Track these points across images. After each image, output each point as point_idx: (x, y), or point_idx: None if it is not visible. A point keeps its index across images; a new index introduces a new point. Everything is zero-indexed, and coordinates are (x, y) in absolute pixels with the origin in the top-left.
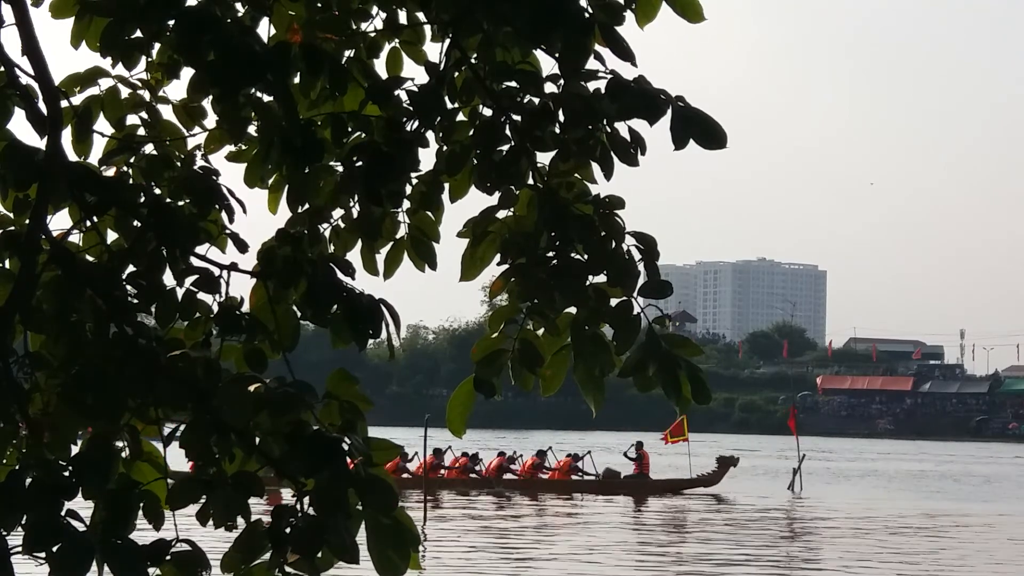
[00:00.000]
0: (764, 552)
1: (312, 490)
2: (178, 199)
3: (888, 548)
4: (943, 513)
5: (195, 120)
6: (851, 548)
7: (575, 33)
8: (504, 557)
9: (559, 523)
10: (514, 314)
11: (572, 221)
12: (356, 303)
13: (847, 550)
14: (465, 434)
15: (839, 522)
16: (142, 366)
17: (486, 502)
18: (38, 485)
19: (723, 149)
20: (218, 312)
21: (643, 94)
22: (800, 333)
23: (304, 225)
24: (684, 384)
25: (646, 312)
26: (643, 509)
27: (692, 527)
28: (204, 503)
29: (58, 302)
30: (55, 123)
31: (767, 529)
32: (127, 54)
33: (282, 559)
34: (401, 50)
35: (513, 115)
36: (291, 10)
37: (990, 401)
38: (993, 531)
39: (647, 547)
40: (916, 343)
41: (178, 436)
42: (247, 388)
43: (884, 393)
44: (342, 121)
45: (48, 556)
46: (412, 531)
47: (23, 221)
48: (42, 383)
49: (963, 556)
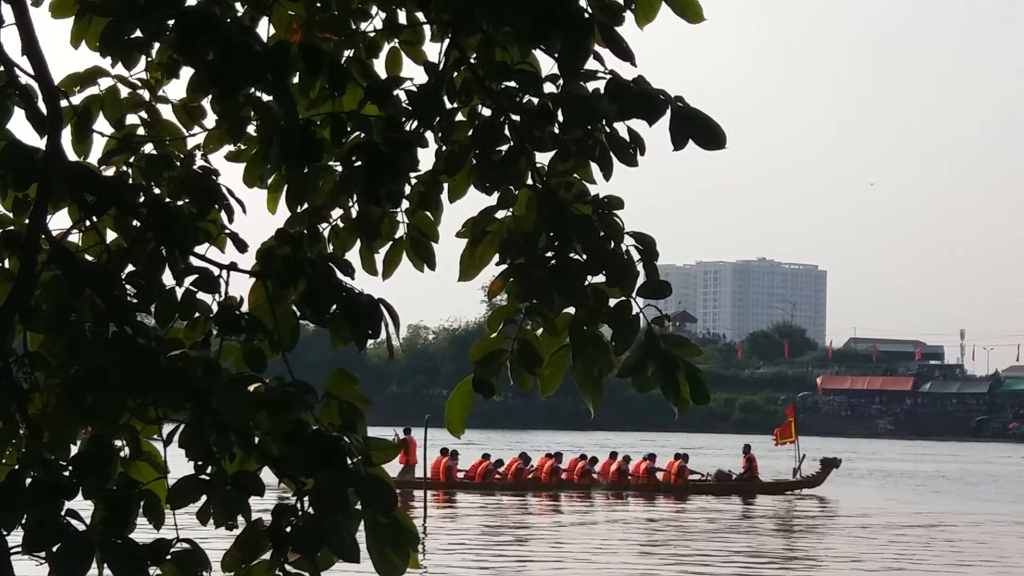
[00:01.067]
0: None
1: (312, 489)
2: (177, 199)
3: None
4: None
5: (195, 120)
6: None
7: (574, 33)
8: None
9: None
10: (513, 314)
11: (571, 221)
12: (355, 303)
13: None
14: (464, 434)
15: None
16: (142, 366)
17: (631, 504)
18: (38, 485)
19: (722, 149)
20: (217, 312)
21: (642, 94)
22: (800, 333)
23: (303, 225)
24: (683, 384)
25: (645, 312)
26: (752, 507)
27: (805, 528)
28: (204, 502)
29: (57, 302)
30: (55, 123)
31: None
32: (127, 54)
33: (282, 558)
34: (400, 50)
35: (512, 115)
36: (290, 10)
37: (990, 401)
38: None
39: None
40: (916, 343)
41: (178, 436)
42: (247, 388)
43: (884, 393)
44: (341, 121)
45: (48, 556)
46: (411, 530)
47: (23, 221)
48: (41, 383)
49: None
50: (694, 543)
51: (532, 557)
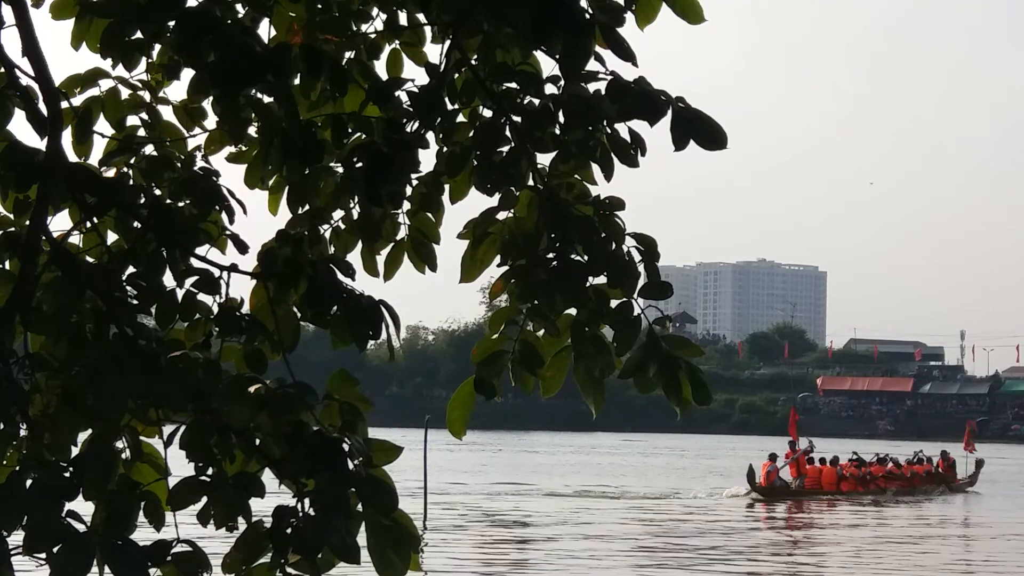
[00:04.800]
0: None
1: (313, 491)
2: (178, 200)
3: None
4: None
5: (195, 121)
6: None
7: (575, 34)
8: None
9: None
10: (514, 315)
11: (572, 222)
12: (356, 304)
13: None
14: (465, 435)
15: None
16: (142, 367)
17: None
18: (39, 486)
19: (723, 150)
20: (218, 313)
21: (643, 95)
22: (800, 334)
23: (304, 226)
24: (685, 385)
25: (646, 313)
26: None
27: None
28: (205, 504)
29: (58, 303)
30: (55, 124)
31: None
32: (127, 55)
33: (283, 559)
34: (401, 51)
35: (513, 116)
36: (291, 11)
37: (990, 402)
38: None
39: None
40: (916, 344)
41: (178, 437)
42: (247, 389)
43: (884, 394)
44: (342, 122)
45: (49, 557)
46: (412, 532)
47: (23, 222)
48: (42, 384)
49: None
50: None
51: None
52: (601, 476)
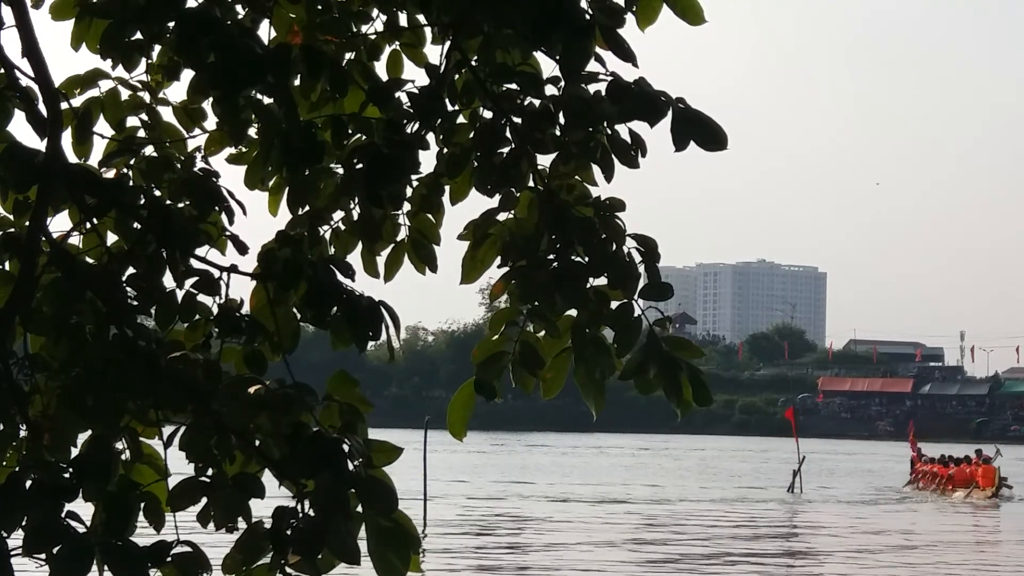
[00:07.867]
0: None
1: (313, 491)
2: (178, 201)
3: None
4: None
5: (195, 122)
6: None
7: (575, 35)
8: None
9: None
10: (515, 316)
11: (573, 223)
12: (356, 305)
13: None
14: (465, 436)
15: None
16: (142, 368)
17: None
18: (38, 487)
19: (723, 151)
20: (218, 314)
21: (644, 96)
22: (800, 335)
23: (304, 227)
24: (685, 386)
25: (647, 314)
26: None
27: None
28: (205, 505)
29: (58, 304)
30: (55, 125)
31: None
32: (127, 56)
33: (283, 560)
34: (401, 52)
35: (514, 117)
36: (291, 12)
37: (990, 403)
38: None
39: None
40: (916, 345)
41: (178, 438)
42: (247, 390)
43: (884, 395)
44: (342, 123)
45: (49, 558)
46: (412, 533)
47: (23, 223)
48: (42, 385)
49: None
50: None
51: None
52: (601, 476)
